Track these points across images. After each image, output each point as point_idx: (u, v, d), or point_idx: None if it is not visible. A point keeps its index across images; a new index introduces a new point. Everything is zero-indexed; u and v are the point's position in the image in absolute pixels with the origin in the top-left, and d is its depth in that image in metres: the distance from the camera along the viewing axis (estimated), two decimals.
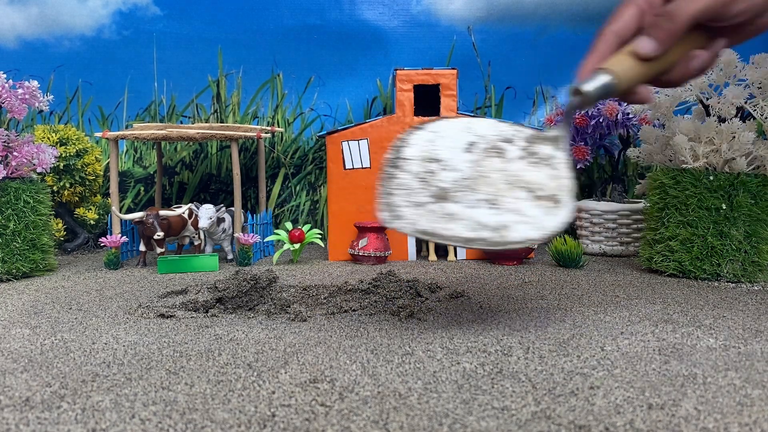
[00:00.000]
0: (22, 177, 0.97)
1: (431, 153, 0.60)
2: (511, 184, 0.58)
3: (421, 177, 0.59)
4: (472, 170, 0.59)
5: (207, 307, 0.68)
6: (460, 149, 0.60)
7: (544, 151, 0.59)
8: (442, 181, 0.58)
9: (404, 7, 1.37)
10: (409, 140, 0.61)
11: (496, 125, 0.62)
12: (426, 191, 0.58)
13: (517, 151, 0.59)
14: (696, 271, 0.85)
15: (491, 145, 0.60)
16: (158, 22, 1.36)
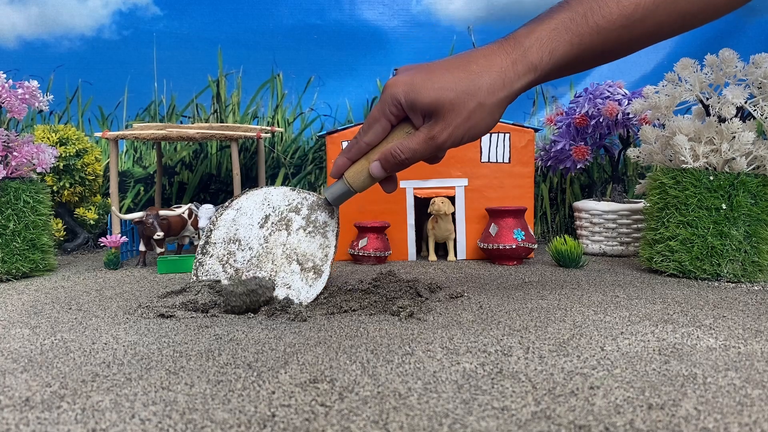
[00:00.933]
0: (22, 177, 0.97)
1: (233, 233, 0.73)
2: (288, 257, 0.71)
3: (223, 260, 0.72)
4: (261, 247, 0.72)
5: (207, 307, 0.68)
6: (256, 225, 0.73)
7: (321, 218, 0.72)
8: (237, 262, 0.71)
9: (404, 7, 1.37)
10: (217, 222, 0.73)
11: (287, 195, 0.74)
12: (224, 274, 0.71)
13: (300, 220, 0.72)
14: (696, 271, 0.85)
15: (281, 218, 0.73)
16: (158, 22, 1.36)
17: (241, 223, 0.73)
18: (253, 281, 0.67)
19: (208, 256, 0.72)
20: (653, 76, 1.34)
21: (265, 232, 0.72)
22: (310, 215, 0.72)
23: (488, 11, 1.37)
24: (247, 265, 0.71)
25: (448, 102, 0.57)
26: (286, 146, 1.41)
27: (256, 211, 0.73)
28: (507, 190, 1.10)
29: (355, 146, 0.64)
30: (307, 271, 0.70)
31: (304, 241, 0.71)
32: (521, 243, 1.00)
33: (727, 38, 1.32)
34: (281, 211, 0.73)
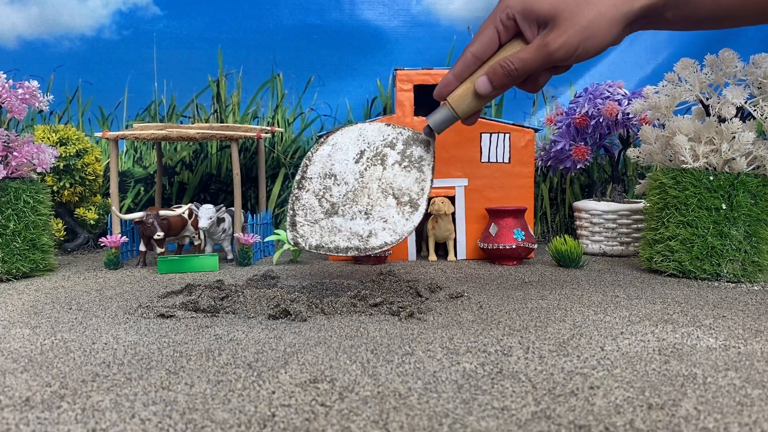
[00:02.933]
0: (22, 177, 0.97)
1: (328, 168, 0.73)
2: (384, 191, 0.71)
3: (319, 195, 0.72)
4: (356, 182, 0.72)
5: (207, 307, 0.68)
6: (351, 161, 0.73)
7: (416, 153, 0.72)
8: (333, 197, 0.71)
9: (404, 7, 1.37)
10: (313, 158, 0.74)
11: (382, 130, 0.74)
12: (320, 208, 0.71)
13: (396, 155, 0.72)
14: (696, 271, 0.85)
15: (375, 153, 0.73)
16: (158, 22, 1.36)
17: (336, 158, 0.73)
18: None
19: (304, 190, 0.72)
20: (653, 77, 1.34)
21: (361, 167, 0.72)
22: (405, 150, 0.72)
23: (488, 11, 1.37)
24: (343, 199, 0.71)
25: (566, 8, 0.55)
26: (286, 146, 1.41)
27: (351, 146, 0.73)
28: (507, 190, 1.10)
29: (460, 59, 0.61)
30: (403, 205, 0.70)
31: (400, 175, 0.71)
32: (521, 243, 1.00)
33: (727, 38, 1.32)
34: (376, 146, 0.73)
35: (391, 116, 1.09)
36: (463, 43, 1.37)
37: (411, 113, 1.09)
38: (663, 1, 0.56)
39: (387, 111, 1.38)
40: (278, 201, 1.40)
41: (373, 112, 1.39)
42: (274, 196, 1.40)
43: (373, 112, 1.39)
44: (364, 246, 0.69)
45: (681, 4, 0.56)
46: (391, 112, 1.13)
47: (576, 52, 0.56)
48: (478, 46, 0.60)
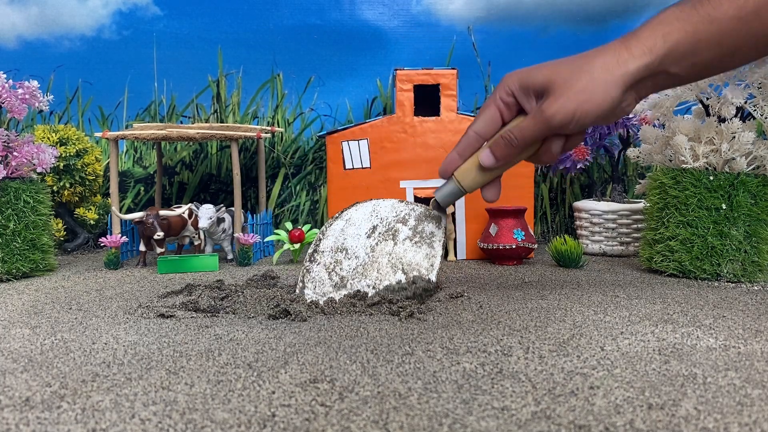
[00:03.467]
0: (22, 177, 0.97)
1: (341, 243, 0.74)
2: (393, 266, 0.71)
3: (329, 268, 0.73)
4: (367, 256, 0.73)
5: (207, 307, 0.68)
6: (363, 235, 0.74)
7: (428, 229, 0.73)
8: (343, 270, 0.72)
9: (404, 7, 1.37)
10: (326, 232, 0.75)
11: (395, 206, 0.75)
12: (330, 281, 0.72)
13: (407, 231, 0.73)
14: (696, 271, 0.85)
15: (388, 228, 0.74)
16: (158, 22, 1.36)
17: (349, 233, 0.74)
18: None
19: (315, 263, 0.73)
20: None
21: (372, 242, 0.73)
22: (417, 226, 0.73)
23: (488, 11, 1.37)
24: (352, 273, 0.71)
25: (560, 78, 0.56)
26: (286, 146, 1.41)
27: (364, 221, 0.75)
28: (507, 190, 1.09)
29: (463, 138, 0.63)
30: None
31: (410, 250, 0.72)
32: (521, 243, 1.00)
33: None
34: (389, 221, 0.74)
35: (391, 116, 1.09)
36: (464, 43, 1.38)
37: (411, 113, 1.09)
38: (658, 59, 0.55)
39: (387, 111, 1.38)
40: (278, 201, 1.40)
41: (373, 112, 1.39)
42: (274, 196, 1.40)
43: (373, 112, 1.39)
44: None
45: (682, 57, 0.56)
46: (391, 112, 1.14)
47: (574, 116, 0.56)
48: (480, 124, 0.62)
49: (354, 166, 1.11)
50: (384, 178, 1.10)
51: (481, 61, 1.38)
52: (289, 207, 1.40)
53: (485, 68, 1.38)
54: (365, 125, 1.10)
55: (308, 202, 1.40)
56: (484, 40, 1.37)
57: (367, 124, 1.10)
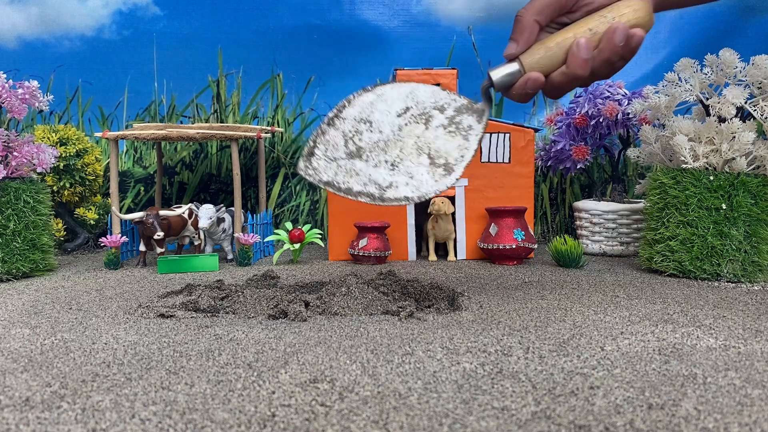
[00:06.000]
0: (22, 177, 0.97)
1: (366, 114, 0.67)
2: (419, 149, 0.65)
3: (347, 135, 0.66)
4: (392, 133, 0.66)
5: (207, 307, 0.68)
6: (393, 113, 0.67)
7: (466, 122, 0.66)
8: (362, 140, 0.65)
9: (404, 7, 1.37)
10: (354, 101, 0.67)
11: (436, 93, 0.67)
12: (345, 148, 0.65)
13: (443, 119, 0.66)
14: (696, 271, 0.85)
15: (422, 112, 0.66)
16: (158, 22, 1.36)
17: (378, 107, 0.67)
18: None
19: (333, 127, 0.66)
20: (653, 77, 1.34)
21: (401, 121, 0.66)
22: (455, 116, 0.66)
23: (488, 11, 1.37)
24: (372, 145, 0.65)
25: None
26: (286, 146, 1.41)
27: (397, 100, 0.67)
28: (507, 190, 1.10)
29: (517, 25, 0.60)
30: (437, 167, 0.64)
31: (442, 137, 0.65)
32: (521, 243, 1.00)
33: (727, 38, 1.32)
34: (425, 106, 0.67)
35: None
36: (464, 43, 1.37)
37: None
38: None
39: None
40: (278, 201, 1.40)
41: None
42: (274, 196, 1.40)
43: None
44: (379, 194, 0.64)
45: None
46: None
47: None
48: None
49: None
50: None
51: (481, 61, 1.38)
52: (289, 207, 1.40)
53: (485, 68, 1.38)
54: None
55: (308, 202, 1.40)
56: (484, 40, 1.37)
57: None
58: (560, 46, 0.59)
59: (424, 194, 0.63)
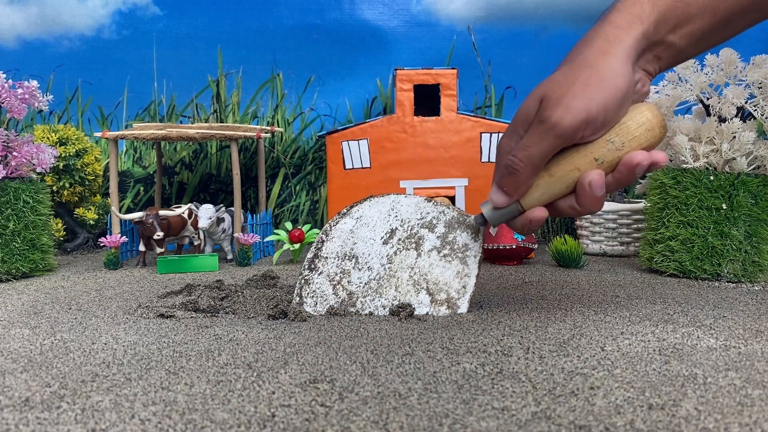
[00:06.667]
0: (22, 177, 0.96)
1: (349, 248, 0.61)
2: (416, 284, 0.59)
3: (334, 280, 0.60)
4: (383, 268, 0.60)
5: (207, 307, 0.68)
6: (378, 241, 0.61)
7: (461, 240, 0.60)
8: (352, 284, 0.60)
9: (404, 6, 1.37)
10: (331, 232, 0.62)
11: (420, 206, 0.61)
12: (334, 297, 0.60)
13: (435, 240, 0.60)
14: (696, 271, 0.85)
15: (410, 234, 0.60)
16: (158, 22, 1.36)
17: (360, 236, 0.61)
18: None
19: (316, 272, 0.60)
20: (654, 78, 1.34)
21: (390, 249, 0.60)
22: (447, 234, 0.60)
23: (488, 11, 1.37)
24: (364, 288, 0.60)
25: (554, 85, 0.49)
26: (286, 146, 1.41)
27: (380, 222, 0.61)
28: None
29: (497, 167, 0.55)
30: (439, 304, 0.59)
31: (438, 265, 0.59)
32: (521, 243, 1.00)
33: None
34: (411, 225, 0.60)
35: (391, 116, 1.09)
36: (464, 43, 1.37)
37: (411, 113, 1.09)
38: (652, 25, 0.50)
39: (387, 111, 1.38)
40: (278, 201, 1.40)
41: (373, 112, 1.39)
42: (274, 196, 1.40)
43: (373, 111, 1.39)
44: None
45: (676, 24, 0.51)
46: (391, 112, 1.13)
47: (588, 113, 0.48)
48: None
49: (354, 166, 1.11)
50: (384, 178, 1.10)
51: (481, 61, 1.38)
52: (289, 207, 1.40)
53: (485, 68, 1.38)
54: (365, 125, 1.10)
55: (308, 202, 1.40)
56: (484, 40, 1.37)
57: (367, 124, 1.10)
58: (563, 181, 0.52)
59: None
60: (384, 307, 0.59)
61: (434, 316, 0.59)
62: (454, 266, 0.59)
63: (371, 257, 0.60)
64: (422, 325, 0.60)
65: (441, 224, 0.60)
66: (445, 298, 0.59)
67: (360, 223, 0.62)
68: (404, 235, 0.61)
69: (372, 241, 0.61)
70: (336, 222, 0.62)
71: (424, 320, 0.62)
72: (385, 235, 0.61)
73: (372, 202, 0.62)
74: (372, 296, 0.60)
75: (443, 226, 0.60)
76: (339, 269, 0.60)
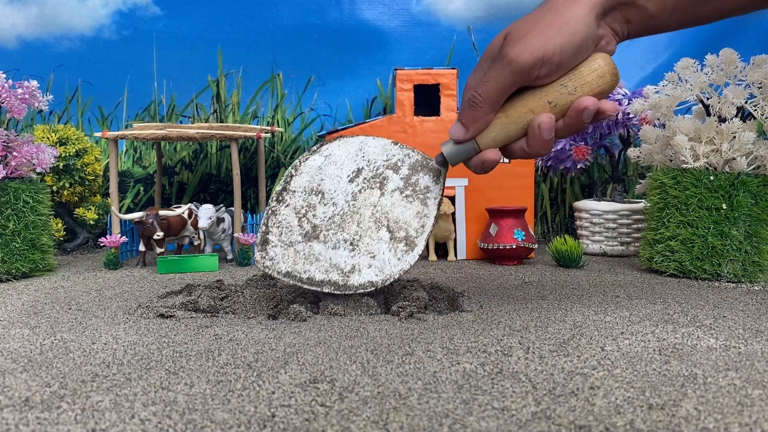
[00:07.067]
0: (22, 177, 0.96)
1: (316, 183, 0.63)
2: (378, 221, 0.61)
3: (300, 212, 0.62)
4: (347, 205, 0.62)
5: (207, 307, 0.68)
6: (344, 178, 0.63)
7: (423, 182, 0.62)
8: (316, 217, 0.61)
9: (404, 6, 1.37)
10: (300, 168, 0.63)
11: (387, 148, 0.63)
12: (299, 229, 0.61)
13: (398, 180, 0.62)
14: (696, 271, 0.85)
15: (375, 173, 0.62)
16: (158, 22, 1.36)
17: (327, 172, 0.63)
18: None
19: (283, 204, 0.62)
20: (654, 77, 1.34)
21: (355, 187, 0.62)
22: (410, 176, 0.62)
23: (488, 11, 1.37)
24: (327, 222, 0.61)
25: (518, 25, 0.51)
26: (286, 146, 1.40)
27: (347, 161, 0.63)
28: (507, 190, 1.09)
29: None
30: (398, 241, 0.60)
31: (399, 205, 0.61)
32: (521, 243, 1.00)
33: (728, 38, 1.32)
34: (377, 165, 0.62)
35: (391, 116, 1.09)
36: (463, 43, 1.37)
37: (411, 113, 1.09)
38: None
39: (387, 111, 1.38)
40: None
41: (373, 112, 1.39)
42: None
43: (373, 111, 1.39)
44: (343, 282, 0.60)
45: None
46: (391, 112, 1.13)
47: (545, 52, 0.49)
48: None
49: None
50: None
51: None
52: None
53: None
54: (365, 125, 1.10)
55: None
56: (484, 40, 1.37)
57: (367, 124, 1.10)
58: (517, 122, 0.54)
59: (388, 276, 0.60)
60: (345, 241, 0.61)
61: (396, 258, 0.61)
62: (414, 206, 0.61)
63: (337, 193, 0.62)
64: (422, 325, 0.60)
65: (405, 166, 0.62)
66: (404, 236, 0.60)
67: (328, 161, 0.63)
68: (370, 174, 0.63)
69: (339, 179, 0.63)
70: (306, 158, 0.64)
71: (424, 320, 0.62)
72: (351, 173, 0.63)
73: (341, 142, 0.64)
74: (335, 230, 0.61)
75: (407, 168, 0.62)
76: (305, 203, 0.62)
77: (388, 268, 0.60)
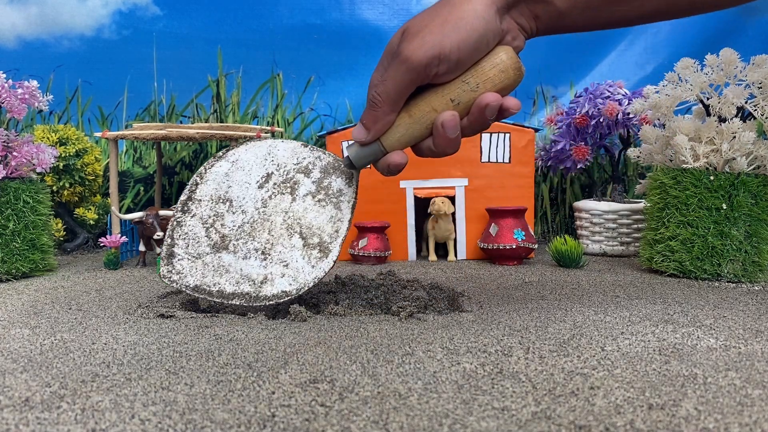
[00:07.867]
0: (22, 177, 0.96)
1: (224, 191, 0.60)
2: (290, 228, 0.59)
3: (207, 223, 0.59)
4: (257, 212, 0.59)
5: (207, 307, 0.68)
6: (253, 184, 0.60)
7: (335, 185, 0.60)
8: (225, 227, 0.59)
9: (404, 6, 1.37)
10: (205, 175, 0.61)
11: (297, 151, 0.61)
12: (207, 240, 0.59)
13: (310, 184, 0.60)
14: (696, 271, 0.85)
15: (285, 178, 0.60)
16: (158, 22, 1.36)
17: (235, 179, 0.60)
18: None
19: (189, 215, 0.59)
20: (654, 77, 1.34)
21: (264, 193, 0.60)
22: (322, 179, 0.60)
23: None
24: (237, 231, 0.59)
25: (414, 22, 0.49)
26: None
27: (256, 166, 0.60)
28: (507, 190, 1.09)
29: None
30: (311, 248, 0.59)
31: (312, 210, 0.59)
32: (521, 243, 1.00)
33: (728, 38, 1.32)
34: (287, 170, 0.60)
35: None
36: None
37: None
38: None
39: None
40: None
41: None
42: None
43: None
44: (255, 293, 0.58)
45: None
46: None
47: (442, 49, 0.47)
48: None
49: None
50: (384, 178, 1.10)
51: None
52: None
53: None
54: None
55: None
56: None
57: None
58: (421, 122, 0.52)
59: (302, 285, 0.58)
60: (256, 251, 0.58)
61: (311, 266, 0.59)
62: (327, 211, 0.59)
63: (246, 201, 0.60)
64: (422, 325, 0.60)
65: (317, 170, 0.60)
66: (318, 242, 0.58)
67: (236, 167, 0.61)
68: (280, 179, 0.60)
69: (247, 185, 0.60)
70: (211, 165, 0.61)
71: (424, 320, 0.62)
72: (260, 179, 0.60)
73: (249, 146, 0.62)
74: (245, 239, 0.59)
75: (319, 171, 0.60)
76: (212, 212, 0.60)
77: (302, 277, 0.58)
